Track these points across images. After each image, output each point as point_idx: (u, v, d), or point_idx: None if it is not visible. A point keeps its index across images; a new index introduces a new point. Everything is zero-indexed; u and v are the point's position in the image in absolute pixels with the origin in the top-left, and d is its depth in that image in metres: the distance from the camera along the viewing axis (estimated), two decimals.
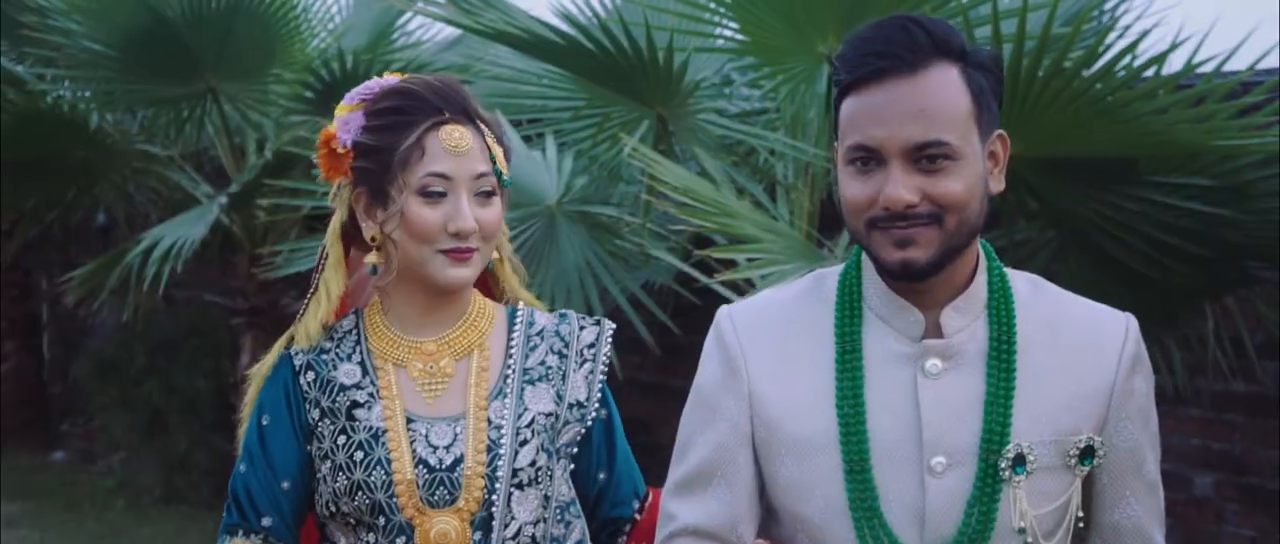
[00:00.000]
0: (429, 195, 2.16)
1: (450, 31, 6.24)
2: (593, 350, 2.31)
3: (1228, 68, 4.03)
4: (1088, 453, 1.94)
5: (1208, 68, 4.02)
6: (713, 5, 4.51)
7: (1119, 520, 1.99)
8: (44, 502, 7.59)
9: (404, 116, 2.18)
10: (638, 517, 2.36)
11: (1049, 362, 1.95)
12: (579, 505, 2.32)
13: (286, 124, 6.11)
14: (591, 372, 2.30)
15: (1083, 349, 1.97)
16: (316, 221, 5.95)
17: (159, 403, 7.51)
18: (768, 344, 2.00)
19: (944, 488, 1.91)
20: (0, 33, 7.12)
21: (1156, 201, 4.10)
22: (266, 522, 2.19)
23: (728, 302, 4.66)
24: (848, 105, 1.90)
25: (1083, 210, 4.09)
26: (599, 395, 2.31)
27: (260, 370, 2.26)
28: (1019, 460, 1.90)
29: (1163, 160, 4.09)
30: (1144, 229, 4.09)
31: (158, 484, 7.62)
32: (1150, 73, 3.92)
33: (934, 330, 1.95)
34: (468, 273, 2.19)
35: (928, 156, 1.86)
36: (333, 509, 2.20)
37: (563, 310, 2.37)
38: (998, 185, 1.93)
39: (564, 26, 4.54)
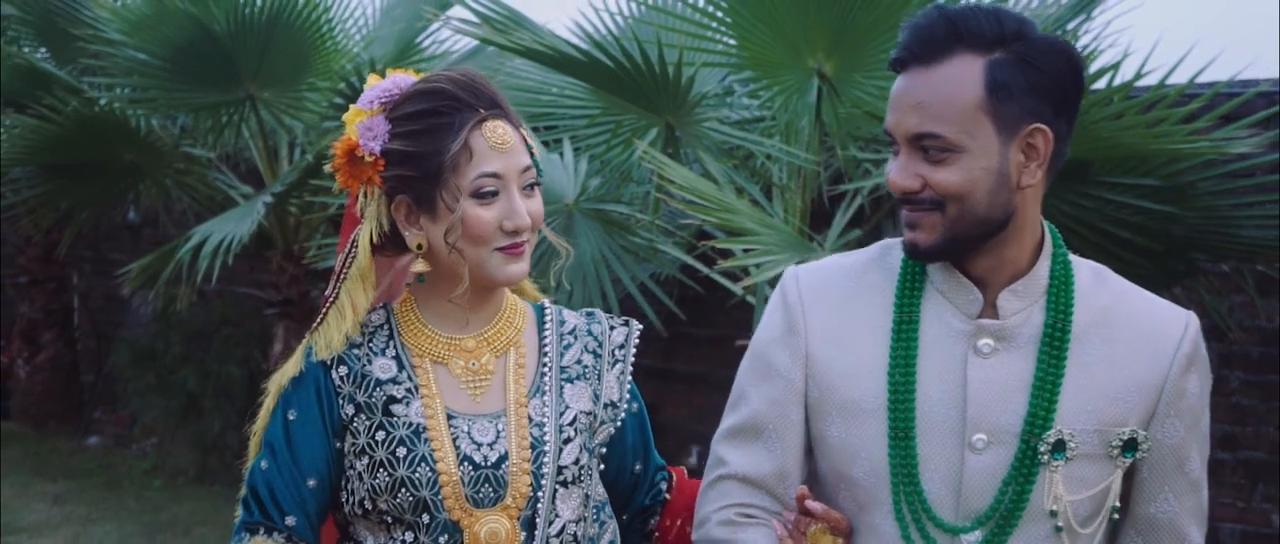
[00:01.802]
0: (483, 196, 2.04)
1: (469, 42, 6.53)
2: (623, 351, 2.23)
3: (1171, 80, 4.35)
4: (1130, 445, 1.90)
5: (1152, 79, 4.34)
6: (715, 25, 4.75)
7: (1155, 514, 1.95)
8: (85, 481, 7.93)
9: (442, 118, 2.03)
10: (668, 497, 2.31)
11: (1102, 352, 1.91)
12: (610, 507, 2.24)
13: (323, 128, 6.37)
14: (622, 372, 2.22)
15: (1138, 342, 1.91)
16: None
17: (194, 388, 7.85)
18: (829, 307, 1.98)
19: (983, 464, 1.88)
20: (50, 42, 7.49)
21: (1110, 200, 4.38)
22: (290, 520, 2.04)
23: (727, 293, 5.07)
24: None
25: (1043, 208, 4.41)
26: (629, 393, 2.23)
27: (279, 380, 2.10)
28: (1059, 446, 1.87)
29: (1115, 162, 4.36)
30: (1099, 225, 4.36)
31: (192, 465, 7.95)
32: (1101, 84, 4.22)
33: (991, 311, 1.92)
34: (524, 267, 2.09)
35: (926, 146, 1.85)
36: (367, 507, 2.07)
37: (589, 309, 2.29)
38: (1030, 178, 1.86)
39: (584, 44, 4.77)
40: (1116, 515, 1.92)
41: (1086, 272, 1.96)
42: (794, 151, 4.69)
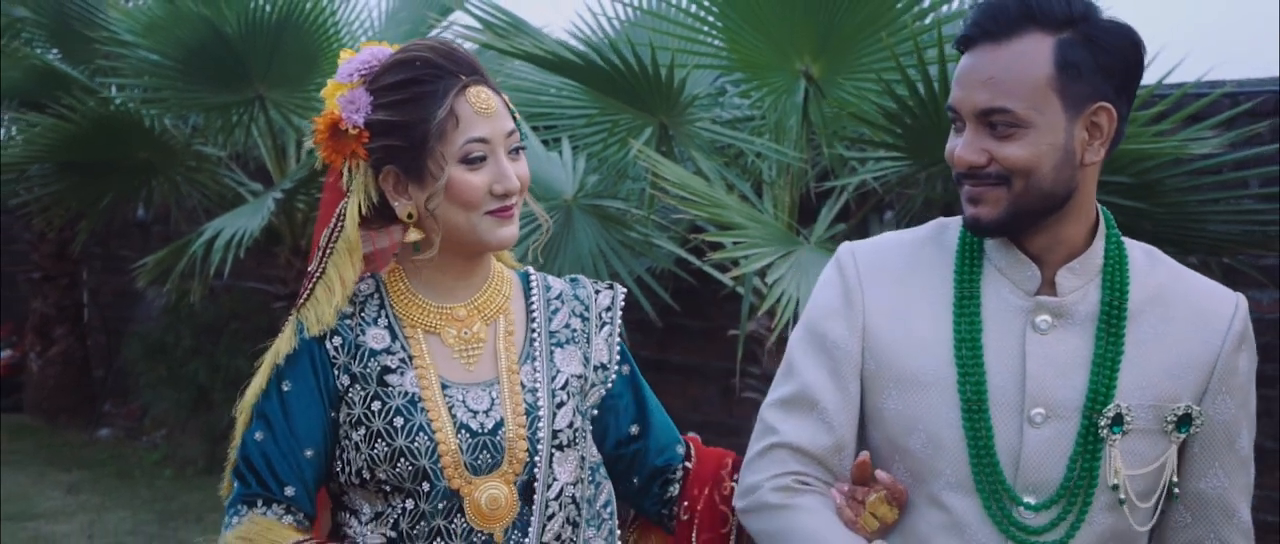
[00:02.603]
0: (471, 161, 2.03)
1: (472, 46, 6.77)
2: (609, 314, 2.23)
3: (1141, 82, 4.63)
4: (1185, 420, 1.92)
5: None
6: (706, 29, 4.97)
7: (1205, 489, 1.97)
8: (98, 471, 8.13)
9: (425, 86, 2.02)
10: (687, 464, 2.28)
11: (1157, 329, 1.93)
12: (605, 468, 2.24)
13: None
14: (610, 334, 2.22)
15: (1191, 320, 1.94)
16: None
17: (204, 381, 8.03)
18: (886, 281, 2.00)
19: (1041, 438, 1.91)
20: (62, 43, 7.68)
21: None
22: (289, 491, 2.03)
23: (719, 285, 5.27)
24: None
25: None
26: (619, 355, 2.23)
27: (271, 356, 2.10)
28: (1117, 420, 1.90)
29: None
30: None
31: (202, 455, 8.10)
32: None
33: (1049, 288, 1.94)
34: (514, 230, 2.08)
35: (994, 122, 1.86)
36: (366, 476, 2.06)
37: (572, 276, 2.29)
38: (1094, 156, 1.89)
39: (581, 48, 4.96)
40: (1177, 490, 1.93)
41: (1139, 252, 1.98)
42: (782, 150, 4.88)
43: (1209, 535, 1.98)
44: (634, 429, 2.26)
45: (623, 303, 2.26)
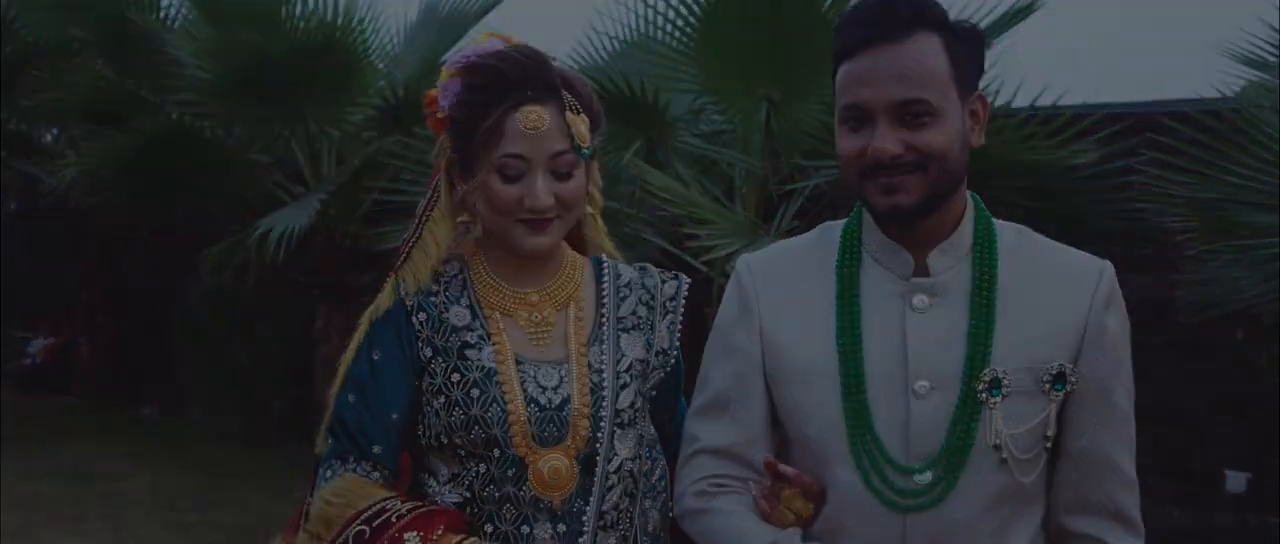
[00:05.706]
0: (506, 174, 2.10)
1: None
2: (673, 303, 2.28)
3: (1039, 103, 5.35)
4: (1059, 379, 1.98)
5: (1022, 101, 5.33)
6: (686, 61, 5.70)
7: (1087, 446, 2.02)
8: (147, 443, 8.94)
9: (486, 95, 2.09)
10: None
11: (1028, 300, 1.98)
12: (660, 445, 2.31)
13: (362, 138, 7.33)
14: (672, 322, 2.28)
15: (1059, 288, 2.00)
16: (378, 213, 7.11)
17: (243, 361, 8.79)
18: (778, 285, 2.08)
19: (927, 408, 1.97)
20: (112, 57, 8.50)
21: (992, 198, 5.29)
22: (376, 449, 2.13)
23: (697, 271, 6.02)
24: (842, 72, 1.95)
25: None
26: (677, 344, 2.29)
27: (371, 313, 2.19)
28: (995, 384, 1.96)
29: (996, 167, 5.12)
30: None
31: (241, 428, 8.85)
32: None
33: (923, 270, 2.01)
34: (546, 241, 2.14)
35: (911, 113, 1.91)
36: (443, 441, 2.16)
37: (641, 264, 2.35)
38: (977, 140, 1.99)
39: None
40: (1049, 443, 1.99)
41: (1010, 231, 2.07)
42: (749, 160, 5.61)
43: (1095, 490, 2.04)
44: (664, 418, 2.36)
45: (686, 293, 2.33)
